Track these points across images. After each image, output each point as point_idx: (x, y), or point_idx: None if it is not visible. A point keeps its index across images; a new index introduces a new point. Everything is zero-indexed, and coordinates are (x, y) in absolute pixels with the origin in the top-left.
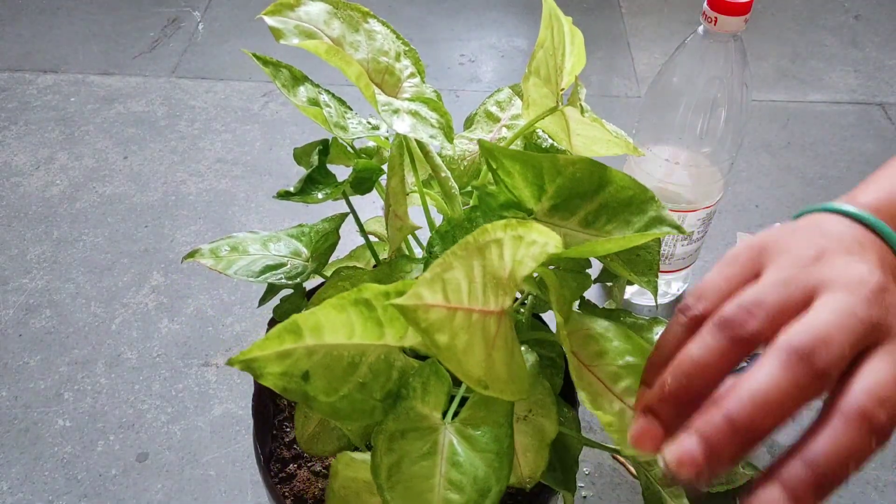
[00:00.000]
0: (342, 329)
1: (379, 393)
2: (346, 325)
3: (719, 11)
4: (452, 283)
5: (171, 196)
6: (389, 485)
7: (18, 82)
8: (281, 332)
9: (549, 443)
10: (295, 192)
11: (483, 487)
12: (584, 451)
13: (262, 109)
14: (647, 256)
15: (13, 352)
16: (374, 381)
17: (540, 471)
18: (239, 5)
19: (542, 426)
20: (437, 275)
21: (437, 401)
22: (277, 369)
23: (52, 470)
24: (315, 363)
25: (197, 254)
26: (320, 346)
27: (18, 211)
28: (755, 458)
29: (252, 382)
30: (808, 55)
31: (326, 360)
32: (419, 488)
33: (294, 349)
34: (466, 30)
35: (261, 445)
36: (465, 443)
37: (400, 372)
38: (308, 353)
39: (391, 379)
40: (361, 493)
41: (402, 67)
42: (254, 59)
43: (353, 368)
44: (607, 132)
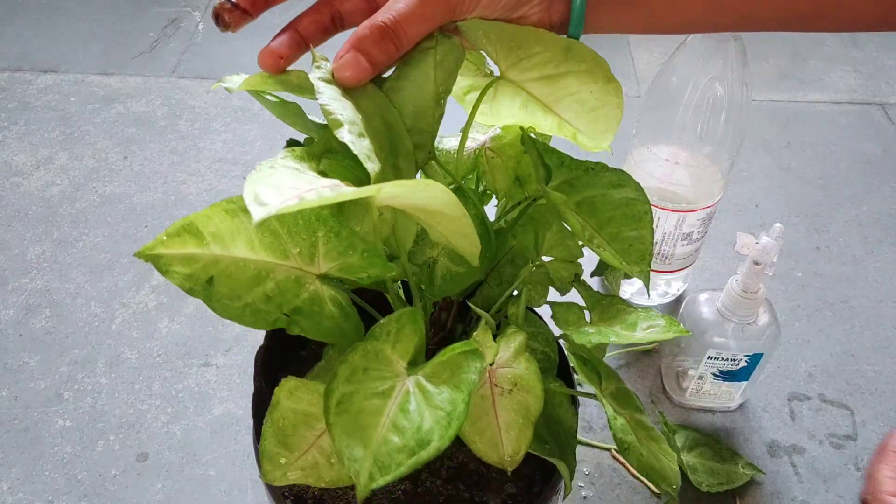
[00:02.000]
0: (241, 237)
1: (286, 307)
2: (243, 234)
3: None
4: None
5: (171, 196)
6: (337, 411)
7: (18, 82)
8: (180, 231)
9: (533, 421)
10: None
11: (424, 439)
12: (585, 451)
13: (262, 109)
14: (639, 246)
15: (13, 352)
16: (281, 296)
17: (523, 449)
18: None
19: (526, 402)
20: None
21: (406, 349)
22: (183, 271)
23: (52, 470)
24: (219, 271)
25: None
26: (225, 256)
27: (18, 211)
28: (755, 458)
29: (252, 382)
30: (808, 55)
31: (231, 269)
32: (364, 422)
33: (199, 255)
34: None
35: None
36: (421, 395)
37: (311, 294)
38: (214, 261)
39: (300, 297)
40: (299, 426)
41: None
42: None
43: (259, 281)
44: (573, 64)
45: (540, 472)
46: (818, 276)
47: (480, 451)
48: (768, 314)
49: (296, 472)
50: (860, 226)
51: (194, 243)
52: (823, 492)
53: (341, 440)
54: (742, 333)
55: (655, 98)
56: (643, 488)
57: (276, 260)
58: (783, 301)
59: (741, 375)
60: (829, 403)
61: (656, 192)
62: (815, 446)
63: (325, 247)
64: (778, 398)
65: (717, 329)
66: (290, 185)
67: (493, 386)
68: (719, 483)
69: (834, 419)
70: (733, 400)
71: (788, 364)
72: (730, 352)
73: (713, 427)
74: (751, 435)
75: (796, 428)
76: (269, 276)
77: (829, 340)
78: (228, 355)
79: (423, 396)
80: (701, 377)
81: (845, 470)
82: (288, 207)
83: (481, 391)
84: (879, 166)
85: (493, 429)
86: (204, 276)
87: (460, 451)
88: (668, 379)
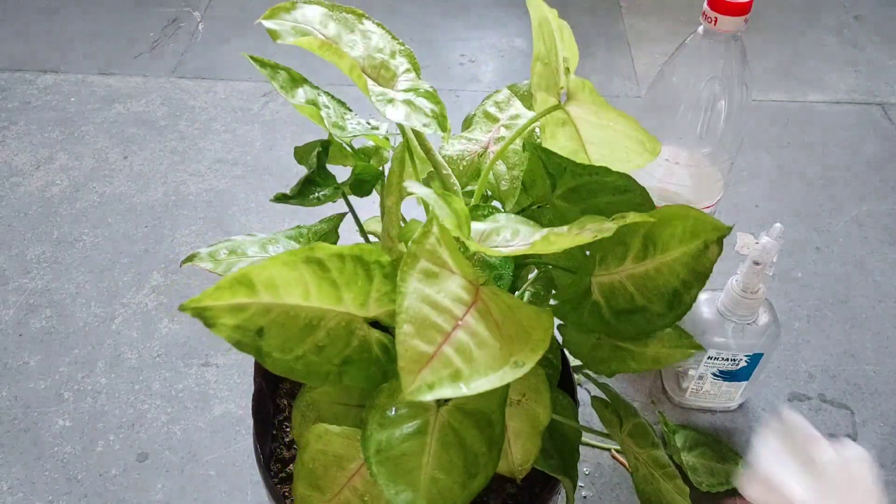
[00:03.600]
0: (297, 288)
1: (337, 358)
2: (300, 285)
3: (719, 11)
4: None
5: (171, 196)
6: (378, 459)
7: (18, 82)
8: (232, 283)
9: (541, 430)
10: (292, 196)
11: (471, 471)
12: (584, 451)
13: (262, 109)
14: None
15: (13, 352)
16: (332, 345)
17: (532, 458)
18: (239, 5)
19: (534, 412)
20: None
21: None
22: (231, 322)
23: (52, 470)
24: (270, 321)
25: (195, 257)
26: (276, 304)
27: (18, 211)
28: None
29: (252, 382)
30: (809, 55)
31: (282, 318)
32: (407, 465)
33: (249, 304)
34: (466, 30)
35: (261, 445)
36: (457, 425)
37: (360, 341)
38: (264, 310)
39: (350, 346)
40: (330, 467)
41: (398, 64)
42: (251, 61)
43: (311, 330)
44: (625, 125)
45: (540, 472)
46: (818, 276)
47: None
48: (768, 314)
49: None
50: (860, 226)
51: (245, 293)
52: None
53: (389, 489)
54: (742, 333)
55: (655, 98)
56: None
57: (329, 306)
58: (783, 301)
59: (741, 375)
60: (829, 403)
61: (656, 192)
62: None
63: (379, 292)
64: (778, 398)
65: (717, 329)
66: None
67: None
68: (719, 483)
69: (834, 419)
70: (733, 400)
71: (788, 364)
72: (730, 352)
73: (713, 427)
74: (751, 435)
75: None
76: (320, 323)
77: (829, 340)
78: (228, 355)
79: (460, 427)
80: (701, 377)
81: None
82: None
83: None
84: (879, 166)
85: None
86: (253, 326)
87: None
88: (668, 379)
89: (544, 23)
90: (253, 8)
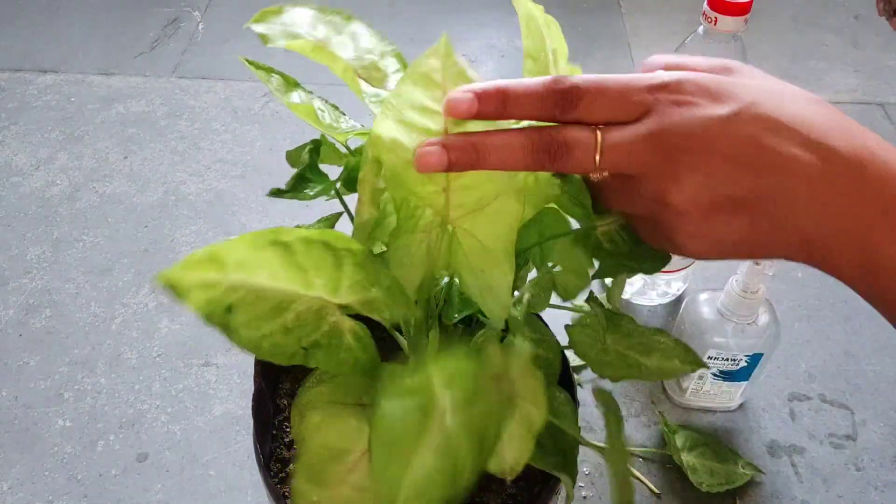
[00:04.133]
0: (263, 269)
1: (304, 341)
2: (266, 266)
3: (719, 11)
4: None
5: (171, 196)
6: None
7: (18, 82)
8: (202, 260)
9: (535, 433)
10: (287, 190)
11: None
12: (584, 451)
13: (262, 109)
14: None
15: (13, 352)
16: (300, 328)
17: (524, 459)
18: (239, 5)
19: (529, 414)
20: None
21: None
22: (202, 296)
23: (52, 470)
24: (239, 299)
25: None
26: (244, 283)
27: (18, 211)
28: (755, 458)
29: (252, 382)
30: (809, 55)
31: (251, 297)
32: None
33: (219, 281)
34: (466, 30)
35: (261, 445)
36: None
37: (331, 326)
38: (232, 288)
39: (319, 330)
40: (327, 462)
41: (388, 64)
42: (246, 64)
43: (279, 312)
44: None
45: (540, 472)
46: (818, 276)
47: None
48: (768, 314)
49: None
50: None
51: (214, 269)
52: (823, 492)
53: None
54: (742, 333)
55: None
56: (643, 488)
57: (299, 289)
58: (783, 301)
59: (741, 375)
60: (829, 403)
61: None
62: (815, 446)
63: (350, 280)
64: (778, 398)
65: (717, 329)
66: None
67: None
68: (719, 483)
69: (834, 419)
70: (733, 400)
71: (788, 364)
72: (730, 352)
73: (713, 427)
74: (751, 435)
75: (796, 428)
76: (290, 306)
77: (829, 340)
78: (228, 355)
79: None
80: (701, 377)
81: (845, 470)
82: None
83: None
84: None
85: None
86: (223, 303)
87: None
88: (668, 379)
89: (531, 20)
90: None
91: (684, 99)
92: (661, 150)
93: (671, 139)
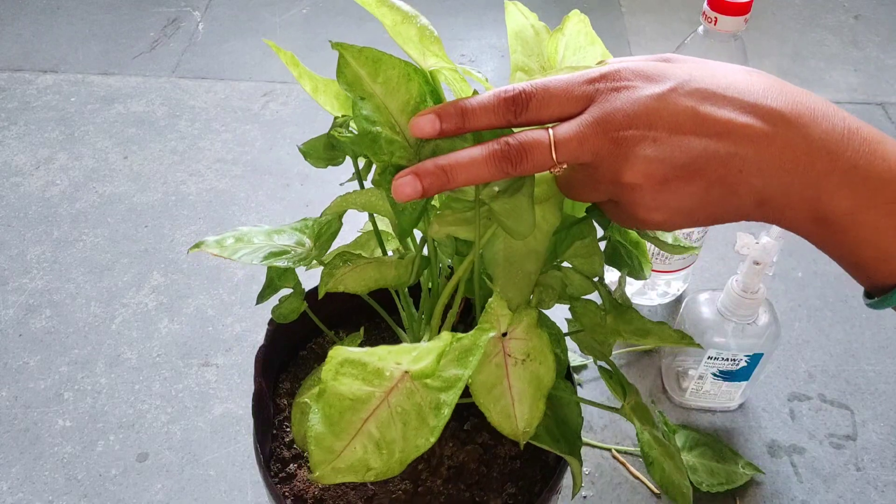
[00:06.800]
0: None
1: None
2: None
3: (719, 11)
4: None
5: (171, 196)
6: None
7: (18, 82)
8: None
9: (545, 393)
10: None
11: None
12: (585, 450)
13: (262, 109)
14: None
15: (13, 352)
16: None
17: (535, 421)
18: (239, 5)
19: (538, 373)
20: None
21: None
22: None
23: (52, 470)
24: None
25: (202, 244)
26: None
27: (18, 211)
28: (755, 458)
29: (252, 382)
30: (809, 55)
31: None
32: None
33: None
34: (466, 29)
35: (261, 445)
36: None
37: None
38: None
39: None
40: (346, 411)
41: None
42: (272, 47)
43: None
44: None
45: (540, 472)
46: (818, 276)
47: (495, 420)
48: (768, 314)
49: (345, 473)
50: None
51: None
52: (823, 492)
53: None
54: (742, 333)
55: None
56: (643, 488)
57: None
58: (783, 301)
59: (741, 375)
60: (829, 403)
61: None
62: (815, 446)
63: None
64: (778, 398)
65: (717, 329)
66: None
67: (506, 356)
68: (719, 483)
69: (834, 419)
70: (733, 400)
71: (788, 364)
72: (730, 352)
73: (713, 427)
74: (751, 435)
75: (796, 428)
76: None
77: (829, 340)
78: (228, 355)
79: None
80: (701, 377)
81: (845, 470)
82: None
83: (496, 360)
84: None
85: (507, 398)
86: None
87: (461, 451)
88: (668, 379)
89: (523, 30)
90: (253, 8)
91: (622, 85)
92: (608, 133)
93: (615, 121)
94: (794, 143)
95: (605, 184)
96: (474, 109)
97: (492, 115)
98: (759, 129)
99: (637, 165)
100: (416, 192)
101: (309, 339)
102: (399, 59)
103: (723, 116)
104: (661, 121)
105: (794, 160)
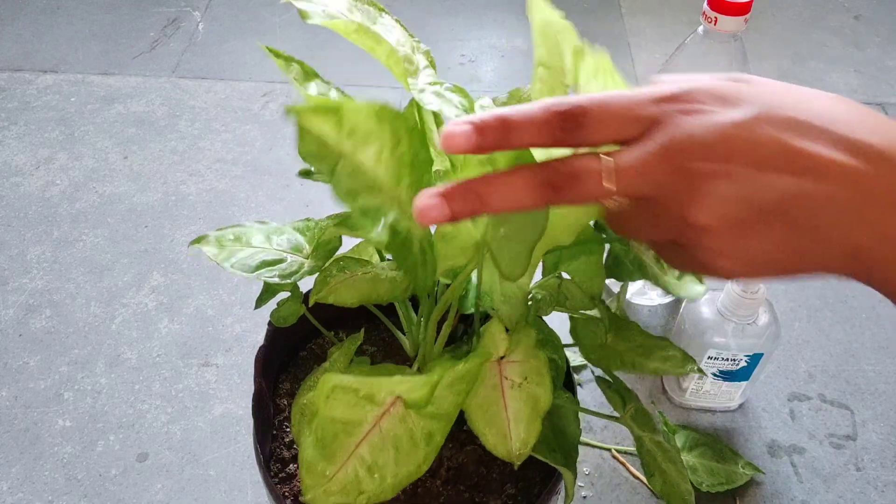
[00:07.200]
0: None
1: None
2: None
3: (719, 11)
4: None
5: (171, 196)
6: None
7: (18, 82)
8: (325, 108)
9: (541, 414)
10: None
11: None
12: (585, 450)
13: (262, 109)
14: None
15: (13, 352)
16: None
17: (531, 443)
18: (239, 5)
19: (535, 395)
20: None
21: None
22: (312, 147)
23: (52, 470)
24: (344, 165)
25: (203, 240)
26: (350, 157)
27: (18, 211)
28: (755, 458)
29: (252, 382)
30: (809, 55)
31: (356, 172)
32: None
33: (333, 141)
34: (466, 30)
35: (261, 445)
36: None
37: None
38: (341, 154)
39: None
40: (339, 435)
41: (419, 59)
42: (267, 52)
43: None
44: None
45: (539, 473)
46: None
47: (490, 443)
48: (768, 314)
49: (337, 495)
50: None
51: (331, 126)
52: (823, 492)
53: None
54: (742, 333)
55: None
56: (643, 488)
57: (391, 185)
58: (783, 301)
59: (741, 375)
60: (829, 403)
61: None
62: (815, 446)
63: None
64: (778, 398)
65: (717, 329)
66: None
67: (502, 378)
68: (719, 483)
69: (834, 419)
70: (733, 400)
71: (788, 364)
72: (730, 352)
73: (713, 427)
74: (751, 435)
75: (796, 428)
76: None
77: (829, 340)
78: (228, 355)
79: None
80: (701, 377)
81: (845, 470)
82: None
83: (491, 382)
84: None
85: (503, 420)
86: (331, 161)
87: (461, 453)
88: (668, 379)
89: (547, 26)
90: (253, 8)
91: (694, 108)
92: (676, 163)
93: (686, 150)
94: (894, 185)
95: (667, 223)
96: (520, 123)
97: (538, 132)
98: (854, 169)
99: (710, 205)
100: (443, 217)
101: (309, 339)
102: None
103: (816, 152)
104: (742, 153)
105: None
